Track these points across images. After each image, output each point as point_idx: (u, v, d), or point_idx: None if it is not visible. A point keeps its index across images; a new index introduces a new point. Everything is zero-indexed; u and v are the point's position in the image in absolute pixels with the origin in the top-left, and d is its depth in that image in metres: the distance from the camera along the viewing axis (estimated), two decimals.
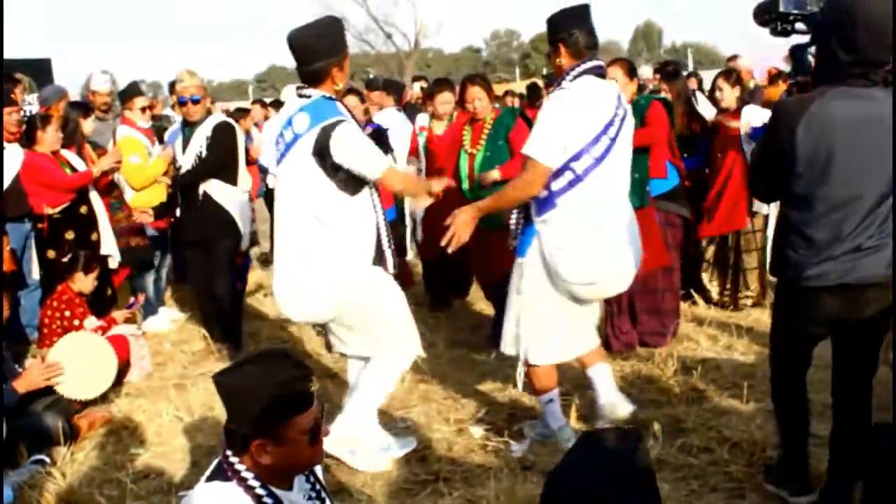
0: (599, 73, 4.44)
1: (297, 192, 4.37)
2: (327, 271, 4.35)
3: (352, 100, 7.77)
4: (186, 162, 6.72)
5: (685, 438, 4.67)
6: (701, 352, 6.22)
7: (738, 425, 4.76)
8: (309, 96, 4.32)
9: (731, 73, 7.52)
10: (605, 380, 4.90)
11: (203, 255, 6.82)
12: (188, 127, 6.78)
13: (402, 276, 6.51)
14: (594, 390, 4.94)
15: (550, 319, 4.58)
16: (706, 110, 7.80)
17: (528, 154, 4.30)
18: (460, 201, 6.56)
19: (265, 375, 2.52)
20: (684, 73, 9.83)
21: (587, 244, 4.37)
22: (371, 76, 23.78)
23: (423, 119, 8.10)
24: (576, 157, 4.28)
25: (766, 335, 6.30)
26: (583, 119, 4.30)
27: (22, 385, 5.05)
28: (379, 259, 4.47)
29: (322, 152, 4.22)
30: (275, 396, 2.49)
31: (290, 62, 4.51)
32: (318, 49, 4.28)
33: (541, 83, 13.73)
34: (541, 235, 4.45)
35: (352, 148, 4.23)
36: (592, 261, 4.39)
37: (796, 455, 3.97)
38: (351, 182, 4.29)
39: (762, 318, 6.84)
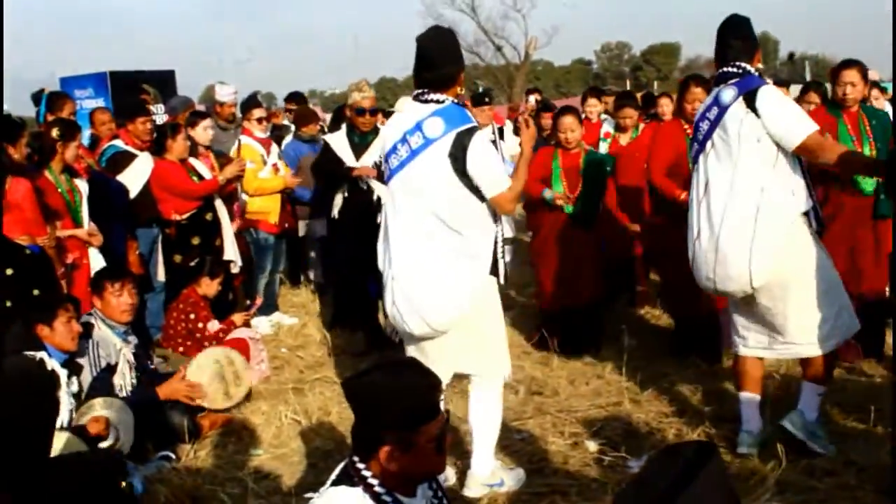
0: (718, 81, 4.64)
1: (422, 197, 4.30)
2: (455, 276, 4.29)
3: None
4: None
5: (809, 461, 4.54)
6: None
7: (866, 449, 4.60)
8: (438, 101, 4.29)
9: None
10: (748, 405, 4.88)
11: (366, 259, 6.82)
12: (359, 136, 6.96)
13: None
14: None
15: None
16: None
17: None
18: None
19: (396, 382, 2.56)
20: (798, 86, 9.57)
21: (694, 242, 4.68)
22: (480, 89, 23.79)
23: (608, 126, 8.19)
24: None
25: (892, 357, 6.13)
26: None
27: (164, 393, 5.28)
28: (493, 269, 4.40)
29: (457, 156, 4.22)
30: (406, 404, 2.53)
31: (400, 73, 4.61)
32: (449, 55, 4.35)
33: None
34: None
35: (483, 159, 4.26)
36: (697, 258, 4.66)
37: None
38: (478, 189, 4.30)
39: (887, 339, 6.58)
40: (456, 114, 4.29)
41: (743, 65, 4.53)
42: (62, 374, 4.65)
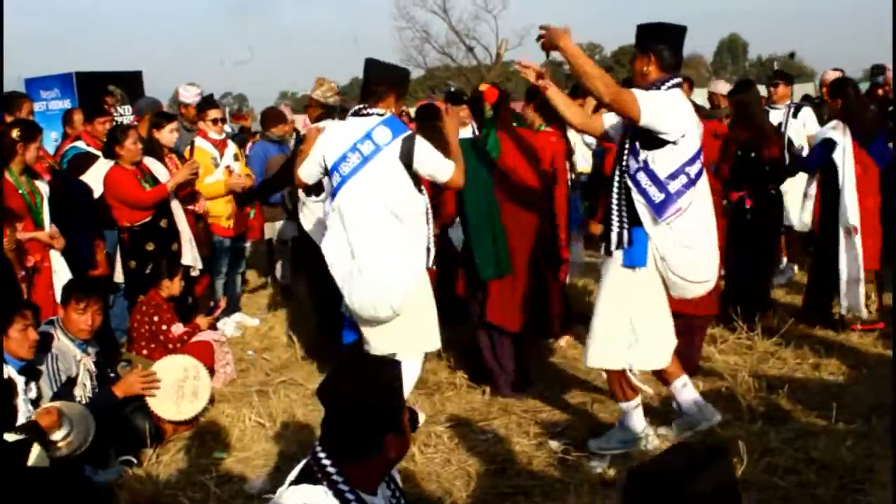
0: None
1: (379, 195, 4.93)
2: (407, 261, 4.98)
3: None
4: None
5: (770, 459, 4.55)
6: (787, 370, 6.04)
7: (828, 447, 4.62)
8: (380, 114, 5.02)
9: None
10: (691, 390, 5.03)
11: None
12: None
13: None
14: (680, 401, 5.00)
15: (662, 323, 4.82)
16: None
17: (635, 91, 4.45)
18: None
19: (381, 381, 2.56)
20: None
21: (705, 244, 4.68)
22: (452, 89, 23.70)
23: None
24: (690, 162, 4.53)
25: (856, 354, 6.20)
26: (690, 125, 4.57)
27: (120, 390, 5.17)
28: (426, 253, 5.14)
29: (406, 158, 4.95)
30: (393, 389, 2.56)
31: None
32: (384, 78, 5.12)
33: None
34: (655, 239, 4.57)
35: (430, 155, 5.03)
36: (709, 259, 4.73)
37: None
38: (418, 182, 5.07)
39: (852, 336, 6.65)
40: (397, 124, 5.07)
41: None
42: (19, 380, 4.56)
